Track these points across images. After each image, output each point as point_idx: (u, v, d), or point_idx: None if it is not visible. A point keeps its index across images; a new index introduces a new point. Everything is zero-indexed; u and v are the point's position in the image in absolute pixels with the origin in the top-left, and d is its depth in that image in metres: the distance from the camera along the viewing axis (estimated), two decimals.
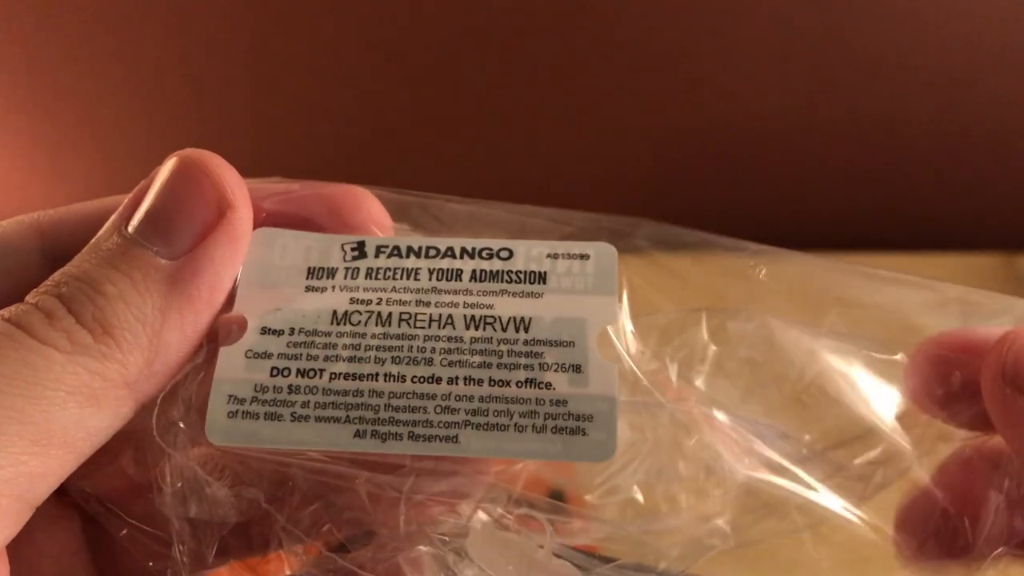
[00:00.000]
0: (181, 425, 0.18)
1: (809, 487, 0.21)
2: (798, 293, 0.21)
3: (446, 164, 0.59)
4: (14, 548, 0.17)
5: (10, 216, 0.19)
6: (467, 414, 0.18)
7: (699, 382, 0.21)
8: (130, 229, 0.17)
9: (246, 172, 0.19)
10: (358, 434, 0.18)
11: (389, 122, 0.57)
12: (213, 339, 0.19)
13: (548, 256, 0.19)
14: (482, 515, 0.20)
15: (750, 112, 0.55)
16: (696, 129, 0.56)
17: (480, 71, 0.54)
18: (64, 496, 0.19)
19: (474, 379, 0.18)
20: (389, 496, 0.19)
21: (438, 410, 0.18)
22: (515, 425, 0.18)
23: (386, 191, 0.21)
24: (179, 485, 0.18)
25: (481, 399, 0.18)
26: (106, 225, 0.18)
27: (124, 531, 0.19)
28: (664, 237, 0.22)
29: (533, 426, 0.18)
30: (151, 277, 0.17)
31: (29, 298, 0.17)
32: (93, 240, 0.18)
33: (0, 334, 0.16)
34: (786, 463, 0.21)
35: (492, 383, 0.18)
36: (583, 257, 0.19)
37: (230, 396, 0.18)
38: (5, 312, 0.17)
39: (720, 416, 0.21)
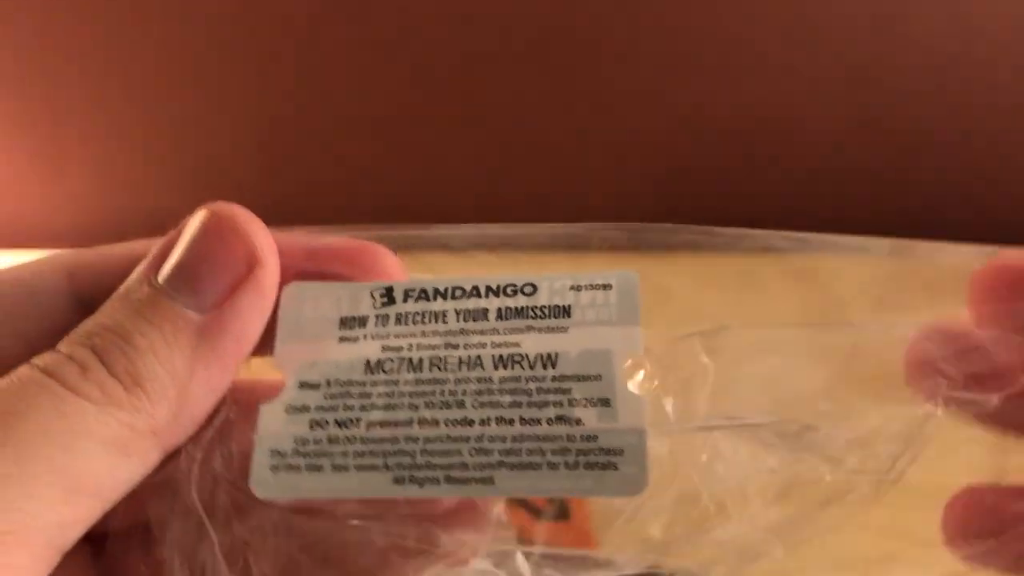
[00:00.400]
0: (223, 474, 0.19)
1: (845, 477, 0.20)
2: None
3: (453, 165, 0.59)
4: None
5: (10, 218, 0.20)
6: (500, 455, 0.18)
7: (703, 403, 0.21)
8: (160, 280, 0.18)
9: (248, 171, 0.19)
10: (397, 480, 0.18)
11: (393, 120, 0.57)
12: (242, 392, 0.19)
13: (571, 288, 0.20)
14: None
15: (753, 111, 0.55)
16: (701, 129, 0.56)
17: (486, 75, 0.55)
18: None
19: (506, 419, 0.19)
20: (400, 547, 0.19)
21: (472, 452, 0.18)
22: (548, 463, 0.18)
23: (397, 229, 0.21)
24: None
25: (513, 439, 0.19)
26: (135, 273, 0.19)
27: None
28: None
29: (565, 463, 0.18)
30: (180, 330, 0.18)
31: (62, 347, 0.17)
32: (122, 288, 0.18)
33: (36, 384, 0.17)
34: (815, 455, 0.21)
35: (523, 422, 0.19)
36: (606, 287, 0.20)
37: (272, 451, 0.18)
38: (39, 361, 0.17)
39: (723, 422, 0.20)
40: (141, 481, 0.18)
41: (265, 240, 0.19)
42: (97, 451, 0.16)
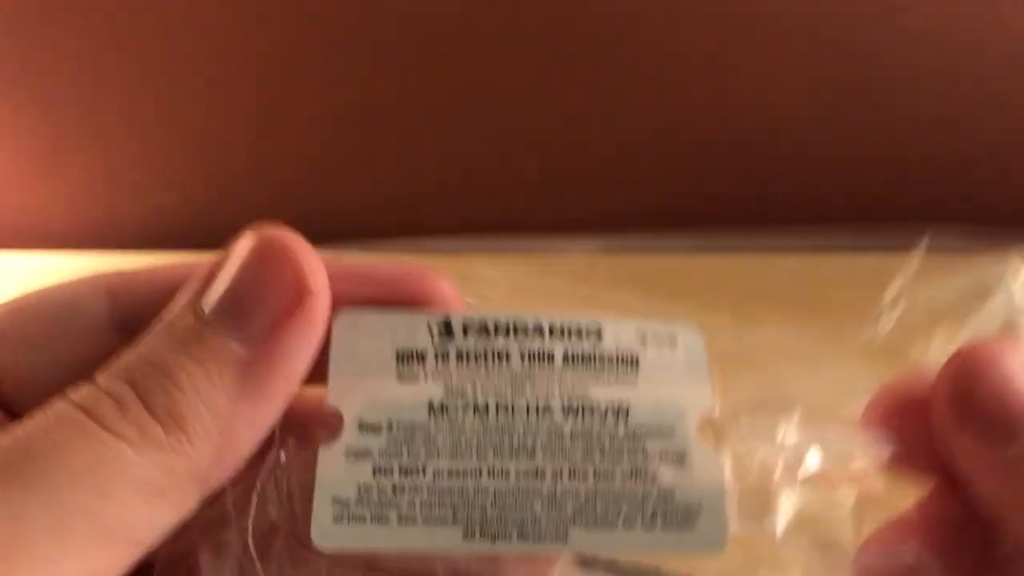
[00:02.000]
0: (279, 521, 0.17)
1: None
2: None
3: (454, 162, 0.58)
4: None
5: (10, 216, 0.19)
6: (574, 509, 0.18)
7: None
8: (205, 309, 0.17)
9: (247, 171, 0.18)
10: (467, 534, 0.17)
11: (393, 113, 0.56)
12: (291, 431, 0.18)
13: (638, 337, 0.19)
14: None
15: (757, 115, 0.56)
16: (703, 131, 0.57)
17: (491, 70, 0.54)
18: None
19: (578, 472, 0.18)
20: None
21: (545, 506, 0.17)
22: (624, 520, 0.18)
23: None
24: None
25: (587, 493, 0.18)
26: (179, 300, 0.17)
27: None
28: None
29: (642, 519, 0.18)
30: (225, 366, 0.16)
31: (100, 380, 0.16)
32: (166, 317, 0.17)
33: (70, 422, 0.15)
34: None
35: (596, 476, 0.18)
36: (671, 340, 0.19)
37: (334, 499, 0.17)
38: (75, 395, 0.16)
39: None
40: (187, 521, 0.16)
41: (316, 267, 0.17)
42: (133, 496, 0.15)
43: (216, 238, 0.19)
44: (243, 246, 0.17)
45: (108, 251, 0.59)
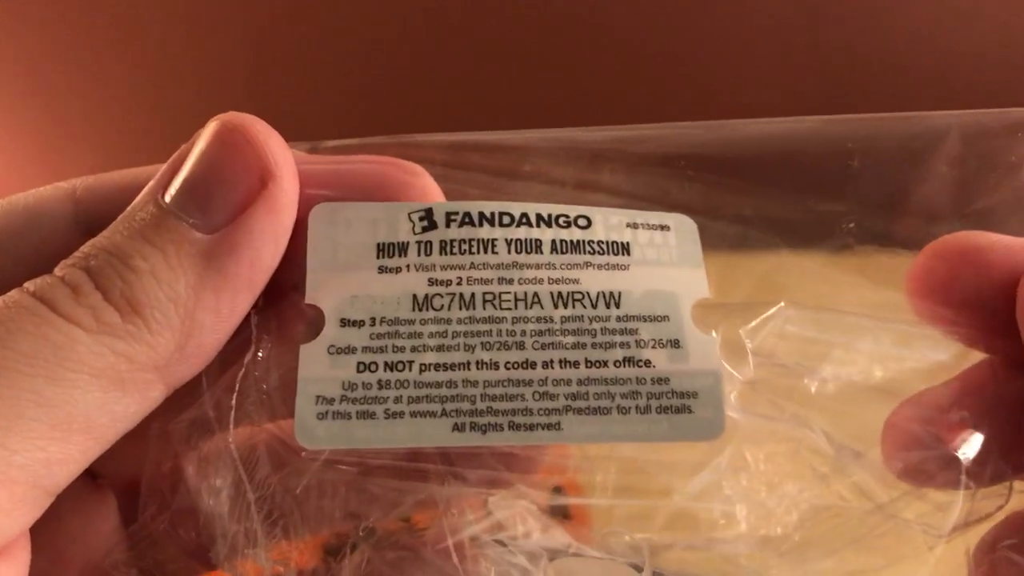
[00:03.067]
0: (259, 420, 0.17)
1: (887, 516, 0.19)
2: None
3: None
4: (40, 533, 0.15)
5: None
6: (567, 399, 0.17)
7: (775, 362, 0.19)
8: (166, 199, 0.16)
9: None
10: (457, 427, 0.17)
11: (392, 127, 0.56)
12: (268, 330, 0.17)
13: (628, 225, 0.18)
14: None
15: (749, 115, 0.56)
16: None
17: (484, 70, 0.54)
18: (98, 478, 0.18)
19: (570, 361, 0.17)
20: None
21: (536, 397, 0.17)
22: (618, 407, 0.17)
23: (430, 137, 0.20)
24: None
25: (579, 382, 0.17)
26: (142, 193, 0.17)
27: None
28: None
29: (636, 407, 0.17)
30: (185, 252, 0.16)
31: (57, 270, 0.16)
32: (127, 209, 0.17)
33: (23, 308, 0.15)
34: (863, 486, 0.19)
35: (589, 364, 0.17)
36: (663, 228, 0.19)
37: (318, 397, 0.16)
38: (31, 285, 0.15)
39: (817, 433, 0.19)
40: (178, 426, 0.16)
41: (281, 153, 0.17)
42: (89, 384, 0.15)
43: None
44: (206, 132, 0.17)
45: None
